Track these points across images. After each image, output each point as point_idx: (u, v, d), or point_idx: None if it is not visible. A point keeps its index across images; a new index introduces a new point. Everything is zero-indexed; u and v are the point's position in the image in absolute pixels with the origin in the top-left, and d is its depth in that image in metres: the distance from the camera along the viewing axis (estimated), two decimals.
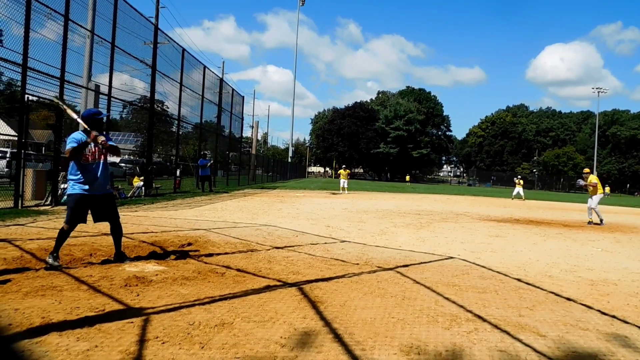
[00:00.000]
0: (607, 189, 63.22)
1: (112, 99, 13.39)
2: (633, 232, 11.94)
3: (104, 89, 13.07)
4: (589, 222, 13.26)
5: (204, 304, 3.69)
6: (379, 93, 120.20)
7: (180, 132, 19.82)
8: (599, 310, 4.12)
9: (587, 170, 13.80)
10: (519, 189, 29.50)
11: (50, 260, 4.59)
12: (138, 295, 3.85)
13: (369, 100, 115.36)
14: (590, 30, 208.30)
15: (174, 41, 17.94)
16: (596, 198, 13.19)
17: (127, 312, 3.38)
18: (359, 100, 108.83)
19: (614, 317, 3.95)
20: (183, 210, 11.39)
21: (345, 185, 26.27)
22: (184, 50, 18.54)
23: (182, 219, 9.58)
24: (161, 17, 25.77)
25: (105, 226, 5.30)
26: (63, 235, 4.81)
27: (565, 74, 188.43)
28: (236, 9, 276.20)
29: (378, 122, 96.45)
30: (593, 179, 13.33)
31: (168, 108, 18.96)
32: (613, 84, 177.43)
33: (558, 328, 3.56)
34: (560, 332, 3.46)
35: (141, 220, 8.81)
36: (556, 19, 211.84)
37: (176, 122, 18.88)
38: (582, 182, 13.59)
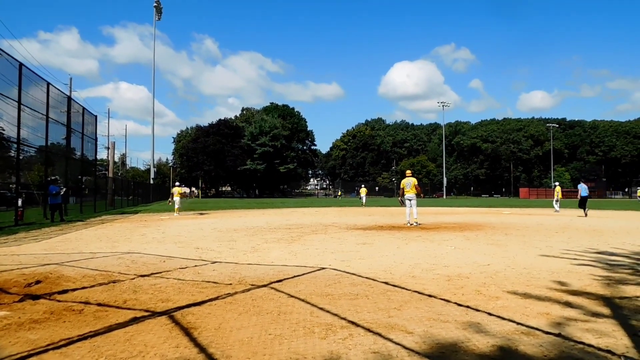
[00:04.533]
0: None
1: None
2: (479, 229, 13.51)
3: None
4: (416, 223, 14.59)
5: (59, 347, 3.27)
6: (243, 110, 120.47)
7: (21, 157, 17.56)
8: (455, 303, 4.56)
9: (409, 172, 15.15)
10: (363, 196, 39.10)
11: None
12: None
13: (233, 117, 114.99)
14: (430, 50, 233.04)
15: (8, 54, 15.92)
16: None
17: None
18: (222, 117, 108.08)
19: (468, 307, 4.39)
20: (28, 245, 10.06)
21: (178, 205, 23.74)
22: (21, 64, 16.51)
23: (27, 254, 8.45)
24: None
25: None
26: None
27: (413, 89, 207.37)
28: (78, 21, 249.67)
29: (244, 139, 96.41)
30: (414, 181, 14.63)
31: (4, 130, 16.68)
32: (453, 98, 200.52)
33: (423, 324, 3.85)
34: (425, 327, 3.74)
35: None
36: (401, 38, 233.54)
37: (15, 145, 16.69)
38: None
